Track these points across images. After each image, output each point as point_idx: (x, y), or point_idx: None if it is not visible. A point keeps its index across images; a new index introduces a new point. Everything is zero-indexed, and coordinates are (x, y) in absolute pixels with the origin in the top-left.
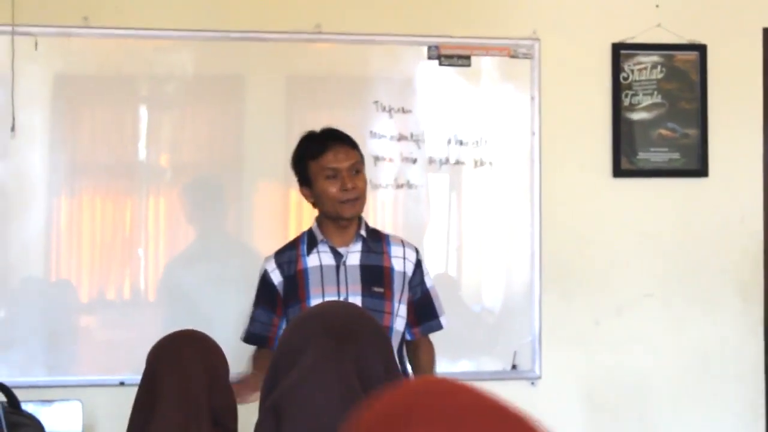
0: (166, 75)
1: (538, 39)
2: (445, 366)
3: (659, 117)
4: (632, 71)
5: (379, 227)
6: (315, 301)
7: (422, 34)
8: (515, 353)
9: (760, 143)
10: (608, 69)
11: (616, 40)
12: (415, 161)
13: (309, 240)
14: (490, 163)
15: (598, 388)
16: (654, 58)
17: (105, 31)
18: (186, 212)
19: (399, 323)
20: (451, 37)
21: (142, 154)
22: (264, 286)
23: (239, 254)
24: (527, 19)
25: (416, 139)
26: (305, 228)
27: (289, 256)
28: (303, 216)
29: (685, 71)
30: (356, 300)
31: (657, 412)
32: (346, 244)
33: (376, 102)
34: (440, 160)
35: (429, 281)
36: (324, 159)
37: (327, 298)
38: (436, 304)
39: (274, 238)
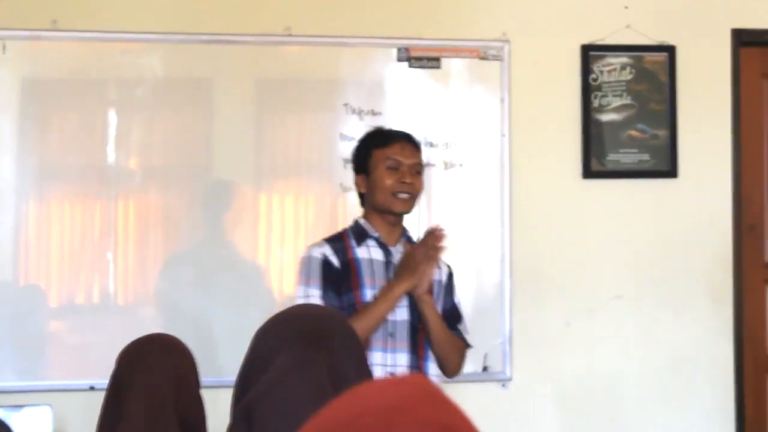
0: (135, 78)
1: (507, 41)
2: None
3: (629, 118)
4: (601, 72)
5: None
6: (368, 291)
7: (392, 36)
8: (486, 355)
9: (729, 144)
10: (578, 70)
11: (586, 41)
12: None
13: (357, 234)
14: (460, 165)
15: (569, 389)
16: (623, 59)
17: (74, 34)
18: (156, 216)
19: None
20: (420, 39)
21: (111, 157)
22: (327, 269)
23: (210, 257)
24: (497, 20)
25: None
26: (275, 231)
27: (339, 244)
28: (272, 219)
29: (654, 72)
30: (404, 301)
31: (628, 412)
32: (394, 244)
33: (346, 104)
34: None
35: (457, 297)
36: (390, 149)
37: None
38: (463, 320)
39: (244, 241)
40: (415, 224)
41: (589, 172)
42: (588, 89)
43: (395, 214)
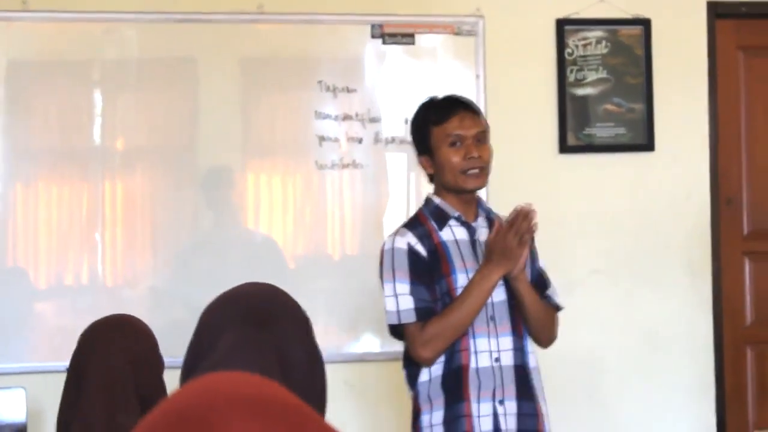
0: (116, 59)
1: (482, 16)
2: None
3: (605, 92)
4: (577, 47)
5: (324, 208)
6: (461, 275)
7: (365, 13)
8: None
9: (706, 117)
10: (553, 45)
11: (560, 15)
12: (360, 141)
13: (437, 215)
14: None
15: (547, 365)
16: (598, 33)
17: (49, 14)
18: (143, 196)
19: None
20: (394, 15)
21: (97, 138)
22: (414, 260)
23: (195, 238)
24: None
25: (361, 119)
26: (261, 209)
27: (422, 230)
28: (261, 198)
29: (630, 46)
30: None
31: (607, 388)
32: (473, 219)
33: (320, 82)
34: (386, 139)
35: (541, 261)
36: (449, 125)
37: (470, 274)
38: (551, 283)
39: (229, 221)
40: (393, 202)
41: (565, 147)
42: (563, 63)
43: (469, 191)
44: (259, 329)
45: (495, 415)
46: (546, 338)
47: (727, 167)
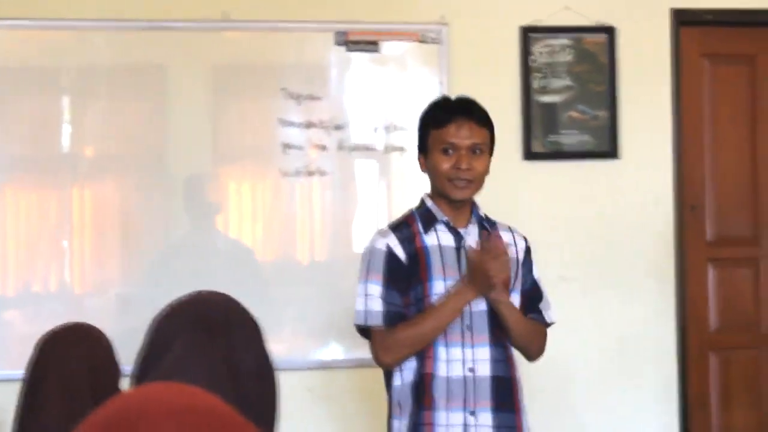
0: (83, 66)
1: (446, 24)
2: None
3: (569, 99)
4: (541, 54)
5: (292, 215)
6: (437, 282)
7: (330, 20)
8: None
9: (670, 124)
10: (517, 53)
11: (525, 23)
12: (324, 148)
13: (425, 218)
14: (402, 149)
15: None
16: (563, 40)
17: (15, 22)
18: (112, 203)
19: None
20: (359, 22)
21: (66, 146)
22: (390, 262)
23: (165, 245)
24: (435, 4)
25: (325, 126)
26: (233, 217)
27: (407, 232)
28: (229, 205)
29: (594, 53)
30: None
31: (574, 393)
32: (464, 225)
33: (284, 89)
34: (350, 147)
35: (536, 272)
36: (445, 131)
37: (449, 282)
38: (544, 296)
39: (198, 228)
40: (359, 209)
41: (530, 154)
42: (528, 71)
43: (452, 200)
44: (209, 337)
45: (465, 426)
46: (532, 355)
47: (691, 174)
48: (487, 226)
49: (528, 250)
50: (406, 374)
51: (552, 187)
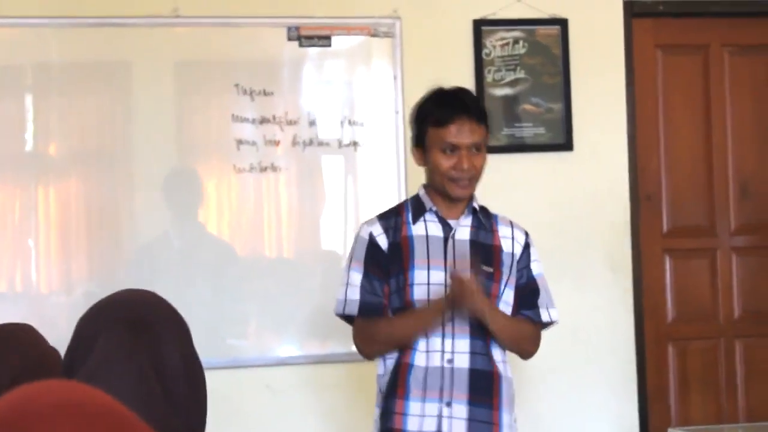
0: (43, 63)
1: (398, 17)
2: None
3: (523, 92)
4: (494, 47)
5: (243, 212)
6: (419, 272)
7: (281, 15)
8: None
9: (623, 115)
10: (470, 45)
11: (477, 16)
12: (278, 144)
13: (415, 207)
14: (355, 144)
15: None
16: (516, 33)
17: None
18: (77, 201)
19: (503, 309)
20: (311, 17)
21: (29, 143)
22: (371, 251)
23: (132, 241)
24: None
25: (279, 122)
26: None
27: (393, 221)
28: (199, 201)
29: (547, 46)
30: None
31: (528, 385)
32: (456, 217)
33: (237, 85)
34: (304, 142)
35: (537, 268)
36: (446, 131)
37: (432, 272)
38: (542, 294)
39: (165, 224)
40: (316, 205)
41: None
42: (481, 64)
43: (453, 199)
44: (134, 335)
45: (440, 417)
46: (524, 356)
47: (646, 164)
48: (482, 219)
49: (527, 245)
50: (388, 363)
51: (507, 179)
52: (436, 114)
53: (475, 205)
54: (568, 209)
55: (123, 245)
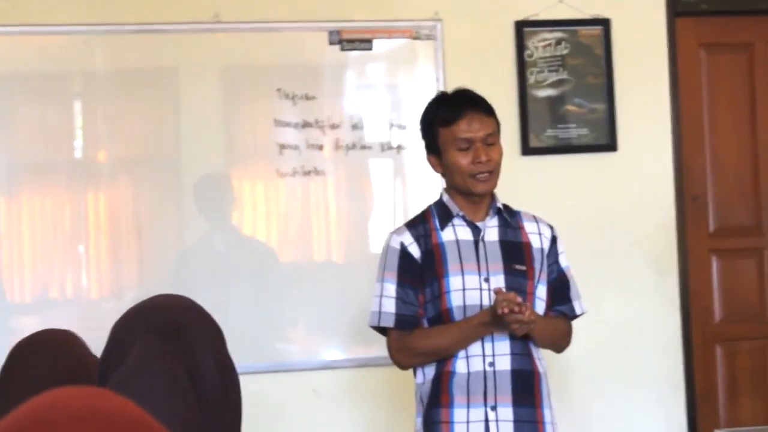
0: (87, 71)
1: (440, 20)
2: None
3: (566, 93)
4: (537, 48)
5: (287, 216)
6: (454, 278)
7: (323, 20)
8: None
9: (668, 115)
10: (512, 47)
11: (519, 17)
12: (321, 147)
13: (441, 213)
14: (398, 147)
15: None
16: (558, 34)
17: (26, 28)
18: (126, 207)
19: (539, 306)
20: (352, 21)
21: (79, 150)
22: (404, 261)
23: (181, 246)
24: (429, 0)
25: (321, 126)
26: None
27: (422, 229)
28: (244, 205)
29: (590, 46)
30: (498, 279)
31: (576, 388)
32: (482, 218)
33: (279, 89)
34: (347, 145)
35: (565, 260)
36: (457, 128)
37: (467, 276)
38: (572, 287)
39: (214, 229)
40: (360, 209)
41: (527, 149)
42: (523, 65)
43: (478, 195)
44: (167, 340)
45: (486, 421)
46: (560, 350)
47: (691, 165)
48: (507, 217)
49: (554, 239)
50: (428, 371)
51: (551, 181)
52: (444, 113)
53: (499, 204)
54: (613, 211)
55: (171, 250)
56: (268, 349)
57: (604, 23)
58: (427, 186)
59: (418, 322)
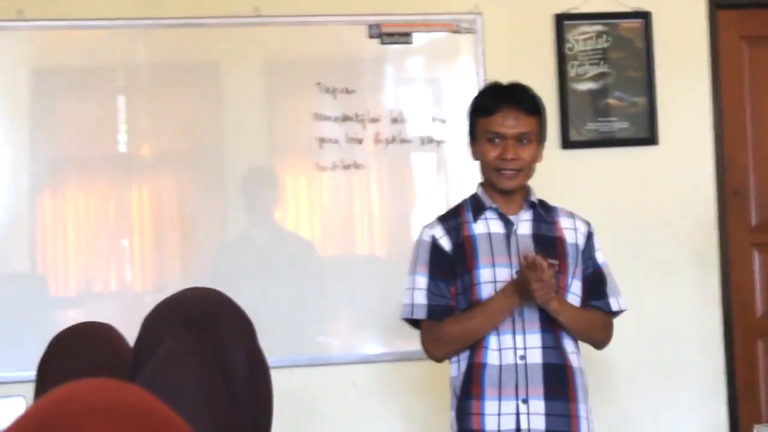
0: (130, 65)
1: (480, 13)
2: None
3: (606, 86)
4: (577, 41)
5: (327, 210)
6: (484, 271)
7: (362, 13)
8: None
9: (709, 108)
10: (552, 40)
11: (559, 10)
12: (360, 141)
13: (474, 206)
14: (439, 141)
15: None
16: (598, 27)
17: (71, 23)
18: (170, 200)
19: (572, 300)
20: (391, 14)
21: (123, 144)
22: (435, 254)
23: (224, 240)
24: None
25: (361, 120)
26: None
27: (454, 222)
28: (285, 199)
29: (631, 39)
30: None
31: (617, 385)
32: (516, 212)
33: (318, 83)
34: (387, 139)
35: (601, 257)
36: (492, 120)
37: (498, 269)
38: (608, 283)
39: (257, 223)
40: (401, 203)
41: (567, 143)
42: (563, 59)
43: (500, 190)
44: (198, 333)
45: (518, 414)
46: (597, 344)
47: (733, 158)
48: (542, 212)
49: (590, 235)
50: (462, 364)
51: (591, 175)
52: (484, 103)
53: (533, 198)
54: (653, 205)
55: (214, 244)
56: (308, 343)
57: (645, 16)
58: (468, 180)
59: (450, 312)
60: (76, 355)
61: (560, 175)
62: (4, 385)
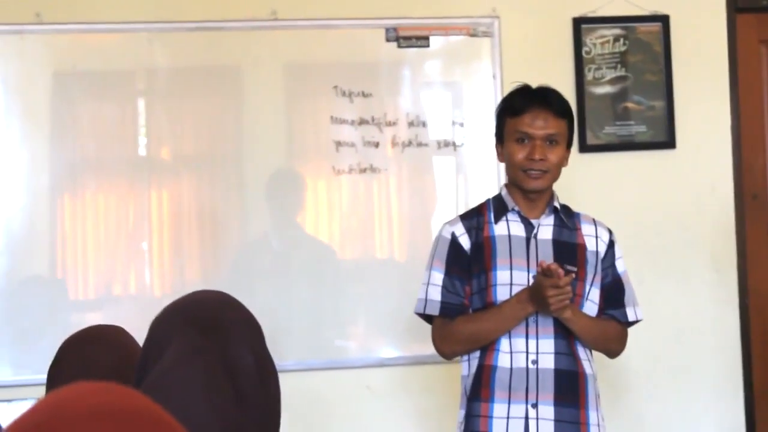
0: (151, 69)
1: (497, 17)
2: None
3: (624, 90)
4: (594, 45)
5: (343, 213)
6: (501, 273)
7: (379, 17)
8: None
9: (728, 112)
10: (570, 44)
11: (577, 14)
12: (377, 145)
13: (497, 207)
14: (456, 145)
15: None
16: (616, 30)
17: (90, 26)
18: (189, 204)
19: (590, 308)
20: (409, 18)
21: (142, 147)
22: (453, 251)
23: (244, 244)
24: None
25: (378, 123)
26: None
27: (476, 221)
28: (303, 202)
29: (649, 43)
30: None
31: (634, 388)
32: (538, 216)
33: (335, 87)
34: (403, 143)
35: (622, 266)
36: (520, 120)
37: (515, 272)
38: (627, 293)
39: (277, 226)
40: (419, 207)
41: (585, 146)
42: (581, 62)
43: (527, 191)
44: (205, 336)
45: (527, 418)
46: (611, 354)
47: (751, 162)
48: (564, 217)
49: (611, 243)
50: (472, 364)
51: (608, 179)
52: (513, 103)
53: (557, 203)
54: (671, 208)
55: (233, 247)
56: (326, 347)
57: (663, 19)
58: (487, 184)
59: (464, 311)
60: (85, 358)
61: (578, 178)
62: (23, 387)
